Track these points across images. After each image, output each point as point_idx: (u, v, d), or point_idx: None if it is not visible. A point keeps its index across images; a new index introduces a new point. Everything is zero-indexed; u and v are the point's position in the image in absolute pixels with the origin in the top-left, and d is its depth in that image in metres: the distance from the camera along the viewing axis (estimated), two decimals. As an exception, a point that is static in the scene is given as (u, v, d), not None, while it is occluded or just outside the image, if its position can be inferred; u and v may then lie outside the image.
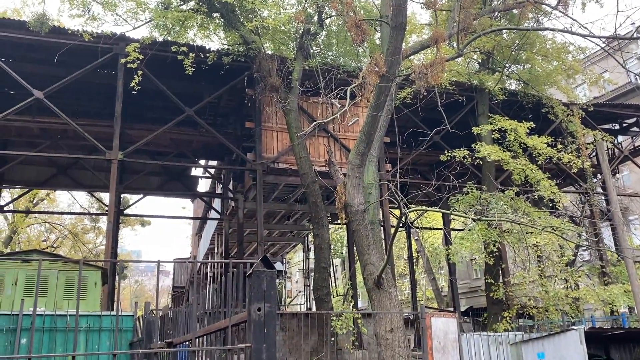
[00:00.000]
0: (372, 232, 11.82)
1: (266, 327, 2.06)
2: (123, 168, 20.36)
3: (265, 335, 2.06)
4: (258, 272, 2.14)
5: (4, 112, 14.44)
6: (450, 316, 8.45)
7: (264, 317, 2.08)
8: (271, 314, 2.10)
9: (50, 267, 9.05)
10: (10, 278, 8.83)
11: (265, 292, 2.09)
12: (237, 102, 18.78)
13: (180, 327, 4.51)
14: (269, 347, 2.04)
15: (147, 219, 41.17)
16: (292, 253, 41.49)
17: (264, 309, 2.09)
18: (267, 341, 2.05)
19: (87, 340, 7.13)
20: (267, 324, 2.07)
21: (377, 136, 12.57)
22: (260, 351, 2.03)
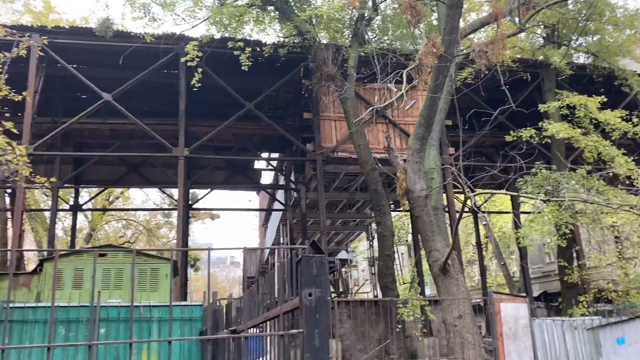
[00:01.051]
0: (435, 218, 11.59)
1: (318, 313, 2.04)
2: (190, 164, 21.04)
3: (317, 320, 2.04)
4: (307, 257, 2.13)
5: (77, 115, 15.27)
6: (520, 301, 8.16)
7: (315, 303, 2.07)
8: (322, 299, 2.08)
9: (124, 260, 9.55)
10: (89, 272, 9.39)
11: (316, 278, 2.08)
12: (295, 94, 18.93)
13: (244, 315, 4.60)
14: (321, 332, 2.02)
15: (215, 212, 42.46)
16: (357, 242, 41.51)
17: (314, 294, 2.08)
18: (319, 327, 2.03)
19: (160, 329, 7.47)
20: (319, 309, 2.05)
21: (437, 119, 12.28)
22: (313, 337, 2.02)
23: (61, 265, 9.38)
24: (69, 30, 15.31)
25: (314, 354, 2.03)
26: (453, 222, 16.28)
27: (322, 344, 2.04)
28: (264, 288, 3.87)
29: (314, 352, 2.03)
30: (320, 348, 2.04)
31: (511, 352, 7.55)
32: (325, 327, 2.06)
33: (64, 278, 9.33)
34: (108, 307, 7.64)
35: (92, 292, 8.73)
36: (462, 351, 10.43)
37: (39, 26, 14.99)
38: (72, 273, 9.34)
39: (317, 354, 2.03)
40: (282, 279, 3.13)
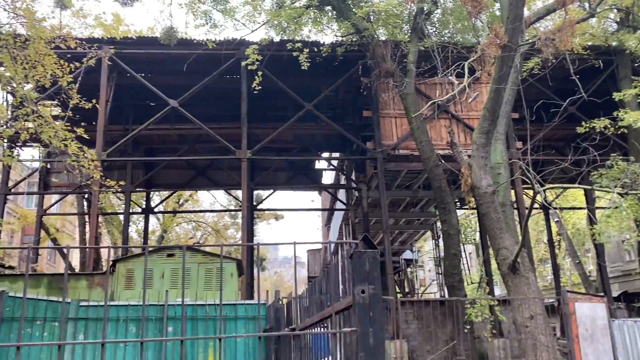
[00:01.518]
0: (503, 215, 11.16)
1: (372, 310, 1.97)
2: (253, 166, 21.45)
3: (372, 318, 1.97)
4: (359, 252, 2.06)
5: (146, 122, 15.92)
6: (597, 301, 7.67)
7: (369, 300, 1.99)
8: (376, 297, 2.00)
9: (191, 260, 9.83)
10: (158, 272, 9.75)
11: (369, 274, 2.00)
12: (354, 93, 18.85)
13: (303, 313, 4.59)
14: (376, 331, 1.95)
15: (280, 213, 43.04)
16: (422, 241, 40.78)
17: (367, 291, 2.00)
18: (374, 325, 1.96)
19: (225, 327, 7.61)
20: (373, 306, 1.98)
21: (503, 112, 11.83)
22: (367, 335, 1.94)
23: (132, 265, 9.80)
24: (136, 41, 15.97)
25: (369, 353, 1.96)
26: (522, 219, 15.64)
27: (377, 343, 1.96)
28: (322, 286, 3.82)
29: (368, 352, 1.96)
30: (376, 348, 1.96)
31: (588, 355, 7.11)
32: (380, 325, 1.98)
33: (135, 278, 9.75)
34: (175, 306, 7.88)
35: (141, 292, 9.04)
36: (534, 353, 9.97)
37: (109, 38, 15.74)
38: (142, 274, 9.73)
39: (372, 353, 1.95)
40: (334, 277, 3.07)
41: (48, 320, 7.50)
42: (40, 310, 7.47)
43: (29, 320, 7.35)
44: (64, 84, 8.36)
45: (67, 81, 8.42)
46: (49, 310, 7.58)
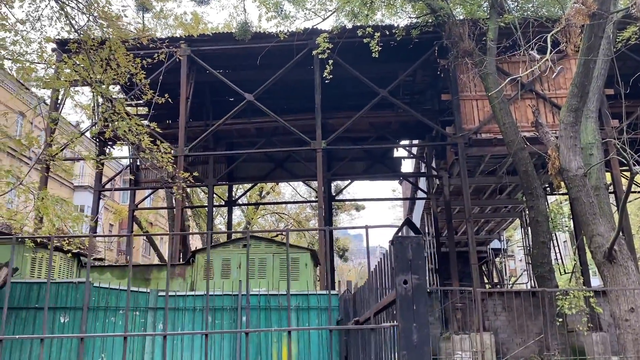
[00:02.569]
0: (597, 199, 10.26)
1: (415, 303, 1.72)
2: (329, 156, 21.38)
3: (415, 312, 1.72)
4: (401, 238, 1.81)
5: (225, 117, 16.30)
6: None
7: (412, 291, 1.74)
8: (420, 287, 1.75)
9: (266, 250, 9.91)
10: (235, 262, 9.92)
11: (412, 262, 1.75)
12: (432, 77, 18.19)
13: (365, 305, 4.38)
14: (420, 326, 1.70)
15: (361, 203, 42.91)
16: (512, 230, 38.97)
17: (410, 282, 1.75)
18: (418, 319, 1.71)
19: (298, 318, 7.56)
20: (417, 299, 1.73)
21: (594, 87, 10.85)
22: (410, 331, 1.70)
23: (211, 257, 10.04)
24: (212, 37, 16.34)
25: (412, 352, 1.71)
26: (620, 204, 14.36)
27: (421, 340, 1.71)
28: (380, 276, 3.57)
29: (411, 350, 1.71)
30: (419, 345, 1.71)
31: (700, 354, 6.32)
32: (425, 320, 1.73)
33: (214, 268, 9.99)
34: (250, 296, 7.93)
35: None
36: (635, 349, 9.10)
37: (187, 37, 16.23)
38: (221, 263, 9.96)
39: (416, 351, 1.71)
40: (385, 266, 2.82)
41: (129, 309, 7.86)
42: (123, 300, 7.82)
43: (113, 309, 7.74)
44: (138, 80, 8.65)
45: (141, 78, 8.69)
46: (130, 300, 7.92)
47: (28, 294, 7.49)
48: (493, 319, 20.78)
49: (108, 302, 7.79)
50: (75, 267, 9.71)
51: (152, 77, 15.19)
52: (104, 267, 10.77)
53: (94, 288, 7.49)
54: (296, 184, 39.41)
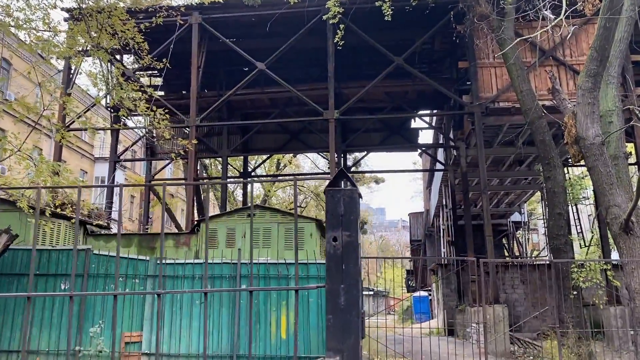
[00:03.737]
0: (615, 169, 9.85)
1: (344, 262, 1.54)
2: (344, 127, 21.09)
3: (344, 272, 1.54)
4: (333, 191, 1.62)
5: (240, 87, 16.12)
6: None
7: (341, 249, 1.56)
8: (351, 245, 1.57)
9: (271, 220, 9.81)
10: (240, 231, 9.85)
11: (343, 217, 1.57)
12: (451, 44, 17.61)
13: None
14: (348, 288, 1.52)
15: (380, 176, 42.59)
16: (535, 203, 38.30)
17: (341, 239, 1.57)
18: (347, 280, 1.53)
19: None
20: (346, 257, 1.55)
21: (617, 51, 10.30)
22: (337, 293, 1.53)
23: (215, 225, 9.99)
24: (223, 4, 16.02)
25: (338, 315, 1.54)
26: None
27: (349, 303, 1.54)
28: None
29: (337, 314, 1.54)
30: (347, 308, 1.54)
31: None
32: (355, 281, 1.55)
33: (218, 237, 9.95)
34: (249, 265, 7.86)
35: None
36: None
37: (197, 4, 15.95)
38: (225, 232, 9.91)
39: (342, 315, 1.54)
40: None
41: (129, 277, 7.89)
42: (122, 267, 7.84)
43: (112, 276, 7.77)
44: (136, 45, 8.48)
45: (139, 41, 8.52)
46: (130, 267, 7.95)
47: (29, 261, 7.55)
48: (510, 292, 20.56)
49: (108, 270, 7.83)
50: (82, 235, 9.80)
51: (163, 46, 15.08)
52: (110, 235, 10.86)
53: (94, 256, 7.52)
54: (315, 157, 39.27)
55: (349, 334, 1.53)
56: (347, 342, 1.52)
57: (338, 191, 1.62)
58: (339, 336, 1.52)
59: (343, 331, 1.53)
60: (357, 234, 1.58)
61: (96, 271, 7.62)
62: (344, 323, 1.53)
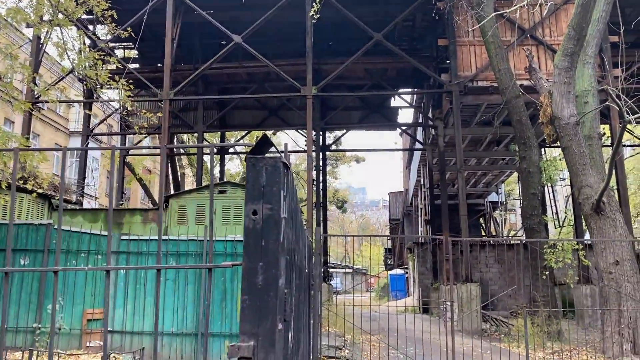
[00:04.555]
0: (589, 149, 9.86)
1: (264, 238, 1.38)
2: (324, 105, 20.85)
3: (263, 249, 1.39)
4: (254, 159, 1.46)
5: (216, 61, 15.72)
6: (693, 246, 6.45)
7: (262, 224, 1.41)
8: (272, 220, 1.42)
9: (243, 196, 9.58)
10: (192, 210, 9.66)
11: (265, 188, 1.41)
12: (432, 22, 17.39)
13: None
14: (267, 266, 1.37)
15: (361, 155, 42.52)
16: (514, 184, 38.65)
17: (261, 212, 1.42)
18: (266, 258, 1.39)
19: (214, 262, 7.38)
20: (266, 233, 1.39)
21: (594, 31, 10.23)
22: (255, 271, 1.38)
23: (184, 201, 9.80)
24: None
25: (255, 295, 1.40)
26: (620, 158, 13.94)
27: (267, 282, 1.40)
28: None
29: (254, 293, 1.40)
30: (264, 288, 1.40)
31: (678, 308, 6.09)
32: (275, 258, 1.40)
33: (188, 214, 9.76)
34: (215, 242, 7.73)
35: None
36: (617, 302, 8.92)
37: (172, -27, 15.41)
38: (195, 209, 9.72)
39: (259, 295, 1.39)
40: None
41: (92, 252, 7.69)
42: (84, 243, 7.64)
43: (74, 252, 7.56)
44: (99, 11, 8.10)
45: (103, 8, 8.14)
46: (93, 243, 7.75)
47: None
48: (485, 270, 20.78)
49: (70, 245, 7.60)
50: (46, 210, 9.52)
51: (136, 17, 14.58)
52: (76, 210, 10.57)
53: (55, 230, 7.28)
54: (296, 135, 38.92)
55: (266, 316, 1.39)
56: (263, 326, 1.38)
57: (260, 159, 1.46)
58: (255, 319, 1.38)
59: (260, 313, 1.38)
60: (279, 207, 1.43)
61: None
62: (261, 304, 1.39)
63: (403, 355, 8.51)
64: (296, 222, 2.81)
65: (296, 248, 2.55)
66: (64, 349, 6.71)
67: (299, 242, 2.91)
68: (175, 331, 7.34)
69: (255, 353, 1.34)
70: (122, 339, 7.39)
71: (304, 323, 3.68)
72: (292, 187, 2.22)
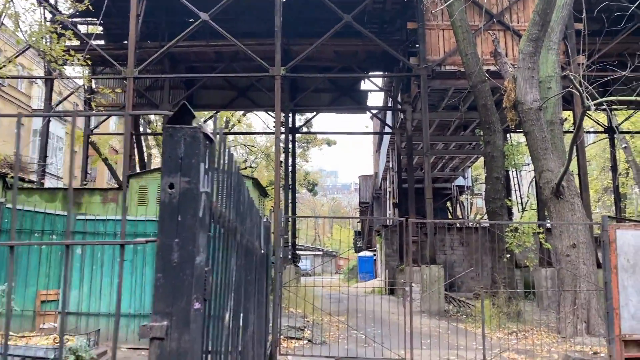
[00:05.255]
0: (550, 134, 10.02)
1: (181, 213, 1.32)
2: (293, 87, 20.66)
3: (179, 225, 1.33)
4: (172, 129, 1.39)
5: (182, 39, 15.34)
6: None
7: (178, 198, 1.34)
8: (190, 194, 1.35)
9: (205, 178, 9.46)
10: (153, 190, 9.52)
11: (183, 160, 1.33)
12: (402, 5, 17.35)
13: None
14: (184, 243, 1.31)
15: (332, 138, 42.47)
16: (480, 168, 39.26)
17: (178, 185, 1.35)
18: (182, 234, 1.32)
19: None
20: (183, 208, 1.32)
21: (558, 17, 10.33)
22: (170, 248, 1.31)
23: (145, 181, 9.61)
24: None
25: (169, 274, 1.33)
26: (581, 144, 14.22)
27: (182, 260, 1.33)
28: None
29: (168, 272, 1.33)
30: (179, 266, 1.33)
31: (627, 288, 6.27)
32: (192, 235, 1.34)
33: (149, 194, 9.59)
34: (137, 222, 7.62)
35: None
36: (574, 284, 9.17)
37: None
38: (157, 189, 9.54)
39: (173, 274, 1.33)
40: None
41: (46, 232, 7.48)
42: (38, 223, 7.43)
43: (27, 232, 7.33)
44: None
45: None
46: (47, 223, 7.53)
47: None
48: (449, 252, 21.13)
49: (22, 225, 7.37)
50: (0, 189, 9.19)
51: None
52: (33, 189, 10.26)
53: (7, 210, 7.05)
54: (266, 117, 38.60)
55: (180, 295, 1.33)
56: (177, 305, 1.32)
57: (178, 130, 1.39)
58: (169, 298, 1.32)
59: (174, 292, 1.32)
60: (198, 180, 1.36)
61: (9, 226, 7.16)
62: (176, 283, 1.32)
63: (364, 335, 8.59)
64: (241, 201, 2.74)
65: (238, 227, 2.49)
66: (15, 332, 6.53)
67: (244, 221, 2.84)
68: (133, 312, 7.23)
69: (168, 333, 1.28)
70: (77, 320, 7.25)
71: (254, 304, 3.63)
72: (231, 164, 2.14)
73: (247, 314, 3.20)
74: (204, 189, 1.39)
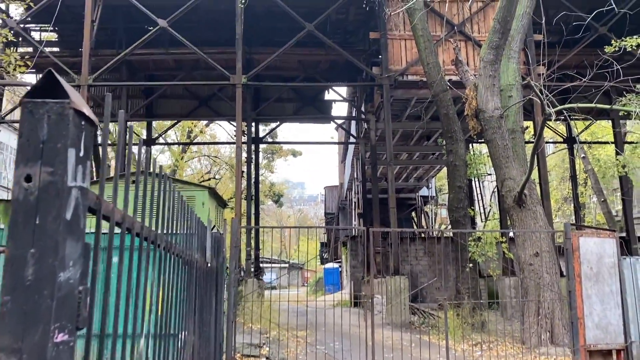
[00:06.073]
0: (512, 142, 10.00)
1: (40, 215, 0.98)
2: (257, 96, 20.34)
3: (38, 230, 0.99)
4: (31, 104, 1.06)
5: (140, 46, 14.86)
6: (606, 236, 6.62)
7: (37, 194, 1.01)
8: (54, 189, 1.02)
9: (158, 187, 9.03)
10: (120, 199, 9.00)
11: (45, 145, 1.00)
12: (365, 15, 17.28)
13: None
14: (42, 254, 0.98)
15: (298, 149, 42.24)
16: (444, 179, 39.63)
17: (37, 178, 1.01)
18: (41, 242, 0.99)
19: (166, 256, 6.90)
20: (43, 207, 0.99)
21: (518, 26, 10.37)
22: (22, 261, 0.98)
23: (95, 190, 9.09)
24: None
25: (21, 297, 0.99)
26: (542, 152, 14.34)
27: (40, 279, 0.99)
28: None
29: (20, 295, 1.00)
30: (36, 286, 1.01)
31: (591, 296, 6.17)
32: (54, 243, 1.00)
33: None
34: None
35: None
36: (537, 293, 9.08)
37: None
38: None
39: (28, 297, 0.99)
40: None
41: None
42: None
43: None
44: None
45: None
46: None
47: None
48: (414, 263, 21.03)
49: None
50: None
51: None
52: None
53: None
54: (231, 128, 38.04)
55: (34, 324, 0.99)
56: (30, 338, 0.99)
57: (40, 105, 1.06)
58: (19, 329, 0.98)
59: (26, 321, 0.98)
60: (65, 171, 1.04)
61: None
62: (29, 308, 0.99)
63: (325, 350, 8.27)
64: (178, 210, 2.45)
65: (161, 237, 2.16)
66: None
67: (174, 230, 2.52)
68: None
69: (15, 377, 0.95)
70: None
71: (196, 323, 3.28)
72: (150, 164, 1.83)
73: (185, 334, 2.84)
74: (75, 182, 1.07)
